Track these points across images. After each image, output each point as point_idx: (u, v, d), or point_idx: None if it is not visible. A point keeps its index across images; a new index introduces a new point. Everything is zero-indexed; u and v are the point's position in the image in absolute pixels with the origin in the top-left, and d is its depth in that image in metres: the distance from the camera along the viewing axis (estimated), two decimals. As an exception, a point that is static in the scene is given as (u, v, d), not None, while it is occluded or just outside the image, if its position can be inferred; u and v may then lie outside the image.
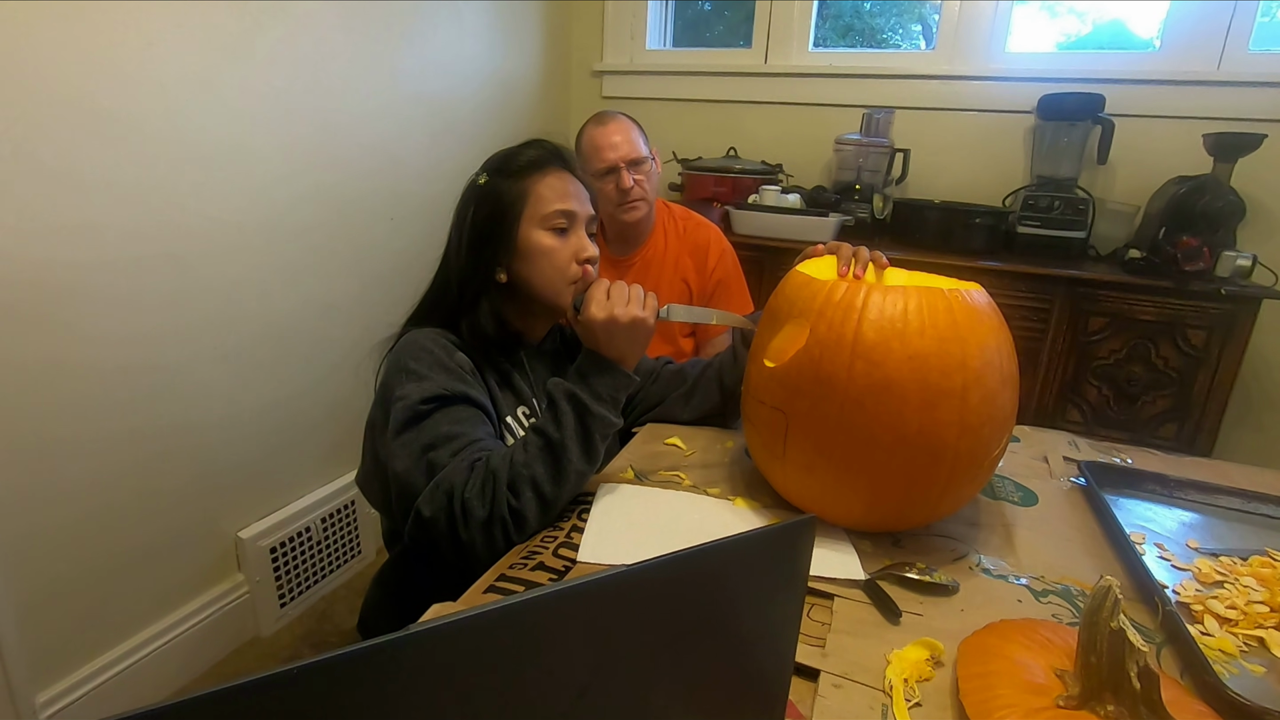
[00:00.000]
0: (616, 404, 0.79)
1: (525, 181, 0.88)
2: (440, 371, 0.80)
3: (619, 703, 0.35)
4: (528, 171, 0.88)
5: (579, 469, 0.75)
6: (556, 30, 2.26)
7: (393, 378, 0.82)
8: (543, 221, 0.87)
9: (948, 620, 0.62)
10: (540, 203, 0.87)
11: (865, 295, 0.69)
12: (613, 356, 0.79)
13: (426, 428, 0.76)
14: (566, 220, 0.88)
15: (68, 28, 1.04)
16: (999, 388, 0.68)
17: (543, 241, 0.87)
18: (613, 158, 1.40)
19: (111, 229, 1.14)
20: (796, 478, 0.76)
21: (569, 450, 0.74)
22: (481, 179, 0.90)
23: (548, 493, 0.72)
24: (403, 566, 0.96)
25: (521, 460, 0.73)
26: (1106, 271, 1.63)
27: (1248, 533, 0.80)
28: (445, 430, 0.76)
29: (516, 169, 0.89)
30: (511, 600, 0.29)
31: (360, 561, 1.78)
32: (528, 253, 0.88)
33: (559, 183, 0.88)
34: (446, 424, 0.76)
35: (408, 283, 1.76)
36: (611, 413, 0.78)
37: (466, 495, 0.70)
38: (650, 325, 0.80)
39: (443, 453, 0.74)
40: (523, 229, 0.87)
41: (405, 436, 0.76)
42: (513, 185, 0.88)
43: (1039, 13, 2.01)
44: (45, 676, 1.17)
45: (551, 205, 0.87)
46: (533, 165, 0.89)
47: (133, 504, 1.25)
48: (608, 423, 0.77)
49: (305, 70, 1.42)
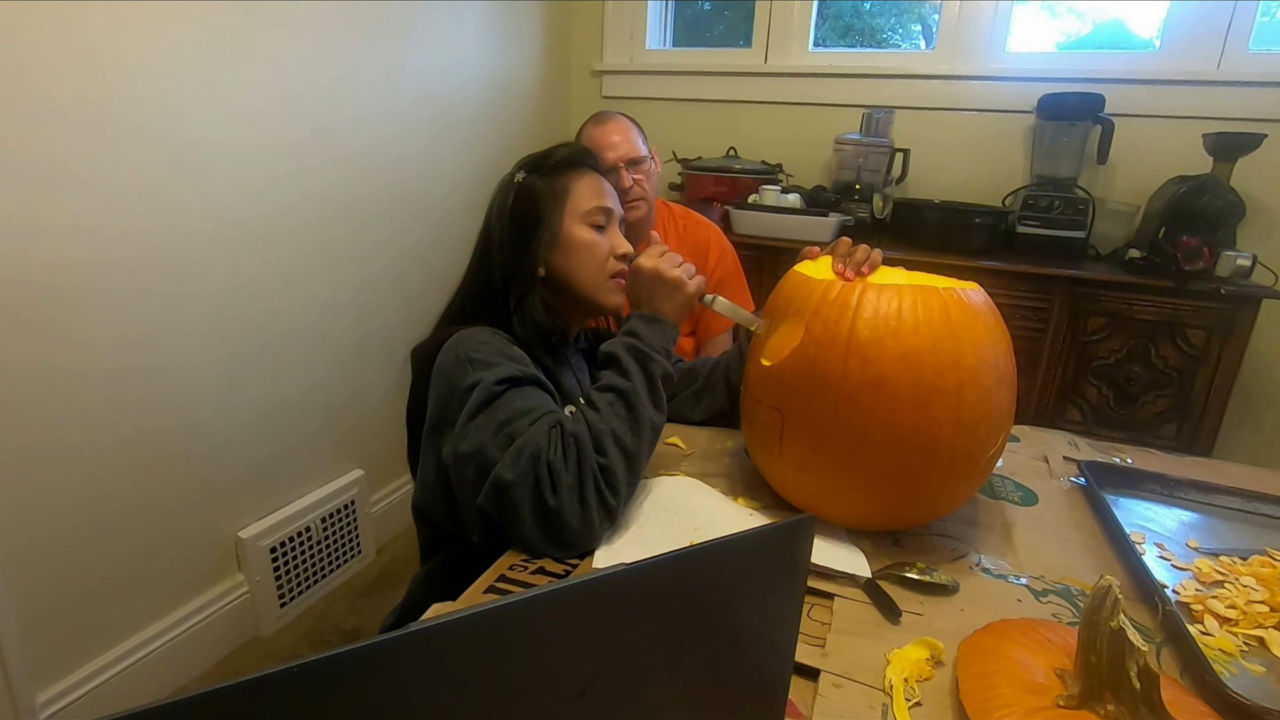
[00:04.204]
0: (670, 355, 0.79)
1: (564, 178, 0.90)
2: (505, 358, 0.80)
3: (619, 702, 0.35)
4: (565, 169, 0.90)
5: (652, 419, 0.74)
6: (556, 30, 2.26)
7: (454, 373, 0.79)
8: (583, 217, 0.89)
9: (948, 620, 0.62)
10: (580, 199, 0.89)
11: (860, 293, 0.70)
12: (653, 311, 0.81)
13: (499, 406, 0.74)
14: (604, 217, 0.90)
15: (68, 28, 1.04)
16: (995, 386, 0.68)
17: (584, 236, 0.89)
18: (612, 158, 1.39)
19: (111, 230, 1.14)
20: (793, 476, 0.76)
21: (639, 396, 0.74)
22: (518, 176, 0.92)
23: (629, 445, 0.72)
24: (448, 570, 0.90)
25: (597, 419, 0.72)
26: (1106, 271, 1.63)
27: (1248, 532, 0.80)
28: (519, 405, 0.74)
29: (553, 166, 0.91)
30: (511, 599, 0.29)
31: (360, 561, 1.78)
32: (569, 246, 0.89)
33: (595, 181, 0.91)
34: (520, 400, 0.75)
35: (409, 284, 1.79)
36: (668, 360, 0.78)
37: (552, 458, 0.68)
38: (688, 293, 0.81)
39: (520, 424, 0.72)
40: (565, 223, 0.89)
41: (480, 418, 0.74)
42: (552, 182, 0.89)
43: (1039, 12, 2.01)
44: (45, 676, 1.18)
45: (591, 202, 0.89)
46: (569, 163, 0.91)
47: (133, 504, 1.25)
48: (666, 372, 0.77)
49: (305, 70, 1.42)
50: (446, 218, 1.84)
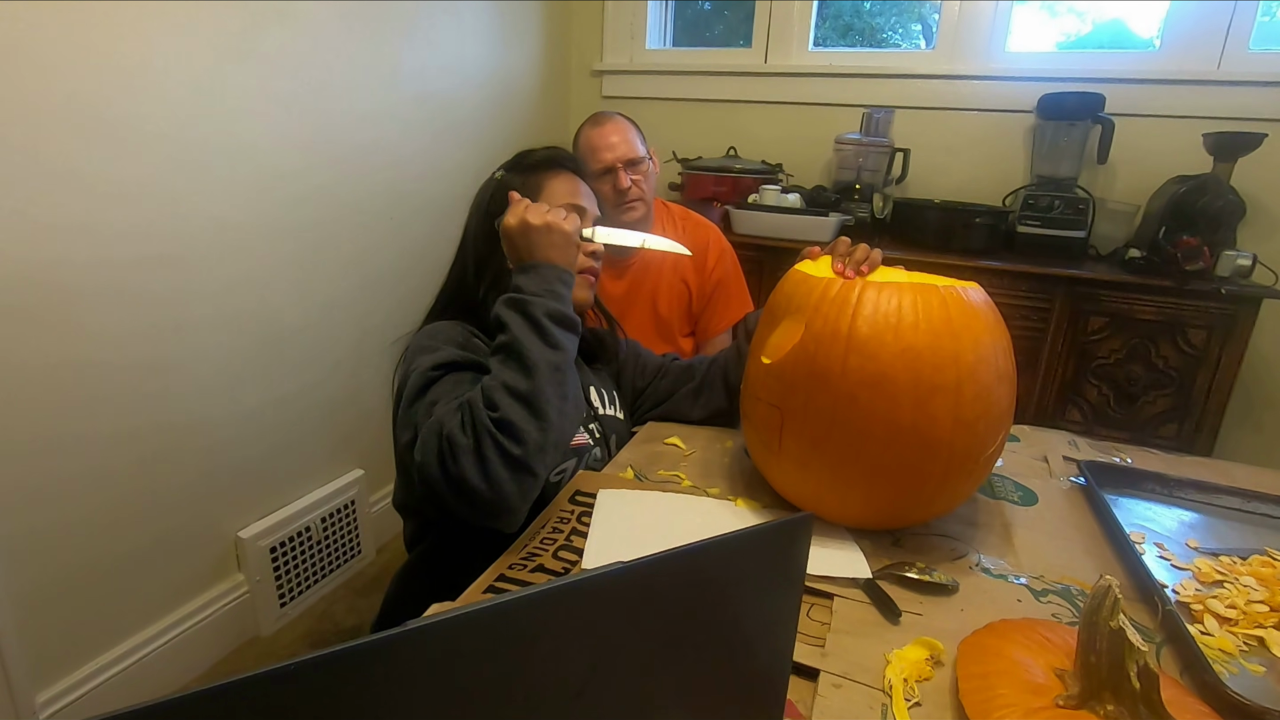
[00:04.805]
0: (556, 294, 0.77)
1: (539, 176, 0.94)
2: (452, 345, 0.81)
3: (617, 701, 0.35)
4: (542, 168, 0.95)
5: (546, 358, 0.72)
6: (556, 30, 2.26)
7: (409, 362, 0.82)
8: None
9: (947, 620, 0.62)
10: (552, 196, 0.93)
11: (860, 291, 0.70)
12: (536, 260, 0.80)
13: (433, 390, 0.76)
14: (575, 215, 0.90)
15: (68, 28, 1.04)
16: (994, 383, 0.68)
17: None
18: (610, 158, 1.39)
19: (112, 228, 1.14)
20: (792, 473, 0.76)
21: (523, 343, 0.72)
22: (498, 174, 0.96)
23: (524, 389, 0.70)
24: (426, 564, 0.95)
25: (487, 380, 0.72)
26: (1106, 271, 1.63)
27: (1247, 532, 0.80)
28: (449, 389, 0.75)
29: (530, 165, 0.96)
30: (509, 598, 0.29)
31: (360, 561, 1.78)
32: None
33: (569, 181, 0.95)
34: (452, 384, 0.76)
35: (408, 282, 1.78)
36: (551, 299, 0.76)
37: (450, 430, 0.68)
38: (566, 230, 0.80)
39: (449, 406, 0.72)
40: None
41: (417, 404, 0.75)
42: (527, 179, 0.94)
43: (1039, 12, 2.01)
44: (45, 676, 1.17)
45: (561, 200, 0.92)
46: (546, 163, 0.96)
47: (133, 504, 1.25)
48: (552, 310, 0.75)
49: (305, 70, 1.42)
50: (446, 217, 1.84)
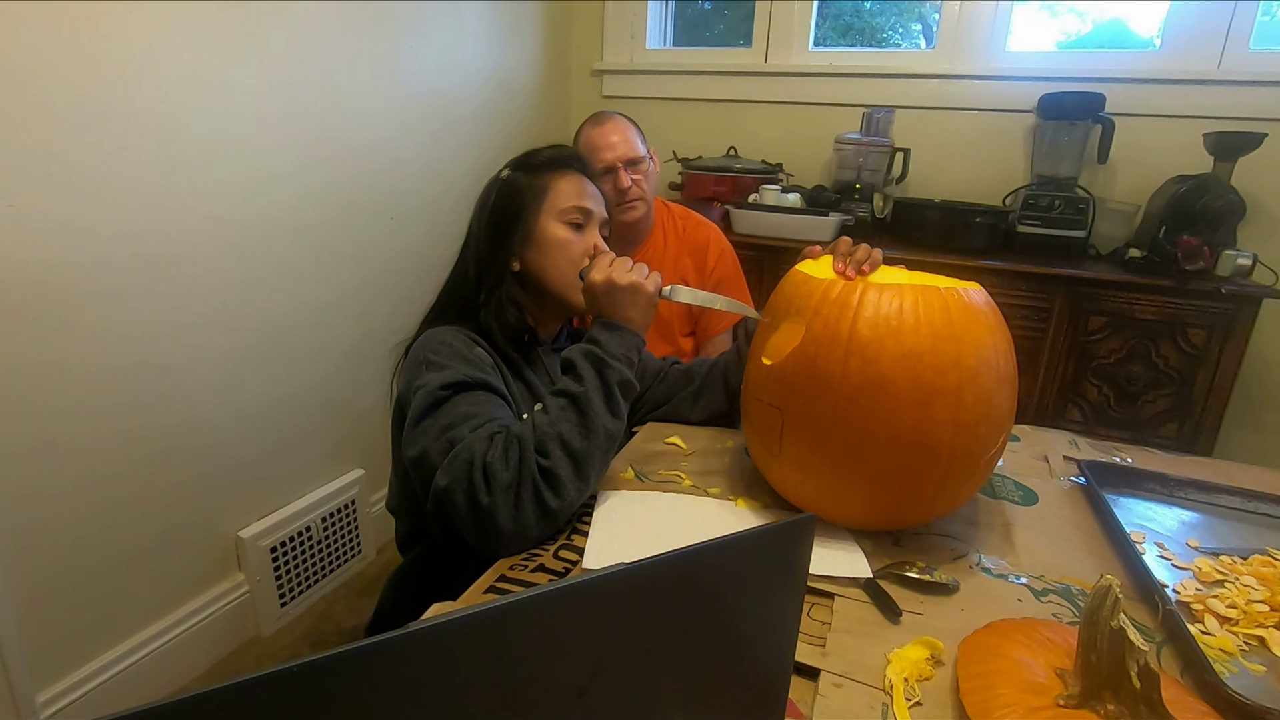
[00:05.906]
0: (631, 363, 0.79)
1: (546, 177, 0.92)
2: (459, 361, 0.80)
3: (618, 701, 0.35)
4: (549, 168, 0.93)
5: (606, 425, 0.73)
6: (556, 30, 2.26)
7: (412, 373, 0.81)
8: (560, 215, 0.91)
9: (948, 619, 0.62)
10: (559, 197, 0.91)
11: (861, 293, 0.70)
12: (618, 320, 0.81)
13: (444, 411, 0.75)
14: (582, 217, 0.92)
15: (68, 28, 1.04)
16: (995, 386, 0.68)
17: (558, 234, 0.90)
18: (610, 158, 1.39)
19: (111, 228, 1.14)
20: (793, 475, 0.76)
21: (592, 403, 0.73)
22: (504, 173, 0.95)
23: (577, 448, 0.71)
24: (420, 568, 0.95)
25: (545, 421, 0.72)
26: (1107, 271, 1.63)
27: (1248, 532, 0.80)
28: (464, 410, 0.75)
29: (538, 164, 0.94)
30: (510, 599, 0.29)
31: (360, 561, 1.78)
32: (543, 243, 0.90)
33: (577, 182, 0.93)
34: (465, 405, 0.76)
35: (408, 282, 1.78)
36: (628, 369, 0.78)
37: (489, 459, 0.68)
38: (649, 292, 0.81)
39: (462, 429, 0.73)
40: (540, 220, 0.91)
41: (425, 423, 0.75)
42: (534, 179, 0.92)
43: (1039, 12, 2.01)
44: (45, 676, 1.18)
45: (569, 201, 0.91)
46: (554, 163, 0.94)
47: (133, 504, 1.25)
48: (626, 380, 0.77)
49: (305, 70, 1.42)
50: (446, 217, 1.84)
